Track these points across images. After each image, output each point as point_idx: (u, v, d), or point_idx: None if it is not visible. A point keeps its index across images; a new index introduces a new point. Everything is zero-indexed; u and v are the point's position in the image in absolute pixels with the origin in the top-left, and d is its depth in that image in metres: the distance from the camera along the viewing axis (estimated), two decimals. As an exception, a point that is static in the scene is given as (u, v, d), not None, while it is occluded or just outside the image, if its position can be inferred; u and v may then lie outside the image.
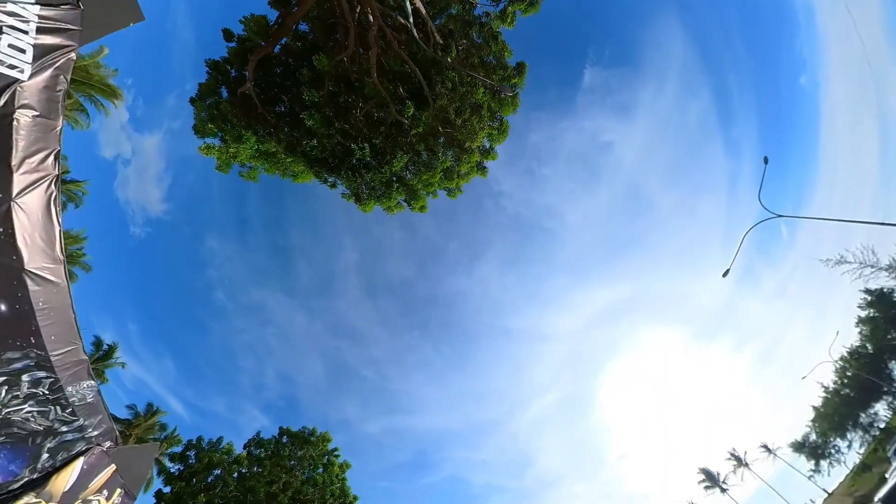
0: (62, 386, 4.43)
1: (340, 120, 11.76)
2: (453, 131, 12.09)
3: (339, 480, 27.93)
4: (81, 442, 4.88)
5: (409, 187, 12.92)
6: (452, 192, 14.09)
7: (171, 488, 23.95)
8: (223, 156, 14.33)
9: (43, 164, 3.79)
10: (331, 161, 12.53)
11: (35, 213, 3.77)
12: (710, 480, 64.67)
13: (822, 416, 51.90)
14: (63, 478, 4.70)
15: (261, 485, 23.93)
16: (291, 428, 28.12)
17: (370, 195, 13.04)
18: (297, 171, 14.58)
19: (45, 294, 4.00)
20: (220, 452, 25.41)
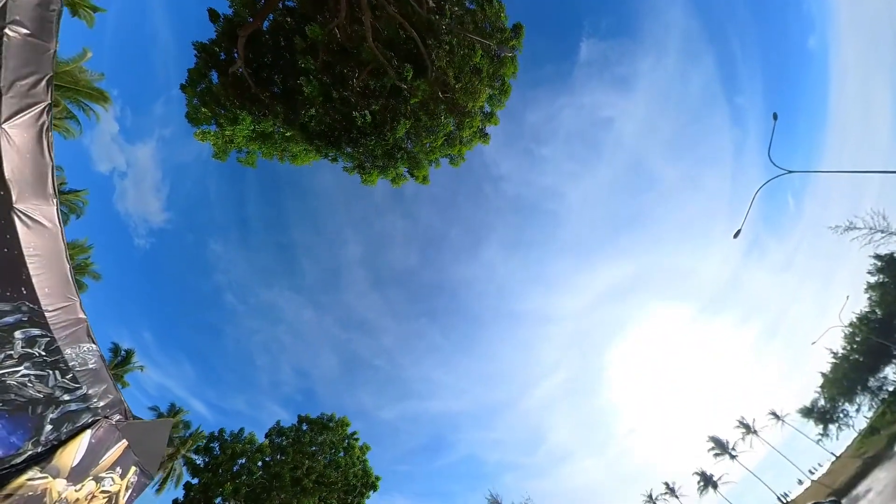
0: (60, 347, 3.99)
1: (338, 87, 11.15)
2: (454, 96, 11.46)
3: (361, 462, 28.05)
4: (87, 413, 4.48)
5: (411, 156, 12.34)
6: (455, 160, 13.50)
7: (199, 480, 24.10)
8: (219, 141, 13.75)
9: (34, 89, 3.25)
10: (331, 133, 11.95)
11: (25, 144, 3.26)
12: (719, 448, 64.96)
13: (831, 382, 51.72)
14: (69, 452, 4.30)
15: (285, 470, 24.03)
16: (310, 415, 28.18)
17: (373, 165, 12.48)
18: (296, 151, 13.98)
19: (35, 238, 3.52)
20: (243, 443, 25.50)
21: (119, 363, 42.54)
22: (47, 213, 3.61)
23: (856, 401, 50.03)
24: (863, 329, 46.46)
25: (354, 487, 27.05)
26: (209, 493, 23.14)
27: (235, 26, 12.53)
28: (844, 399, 51.15)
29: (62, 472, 4.26)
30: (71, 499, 4.35)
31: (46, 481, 4.08)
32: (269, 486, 24.02)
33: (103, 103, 28.07)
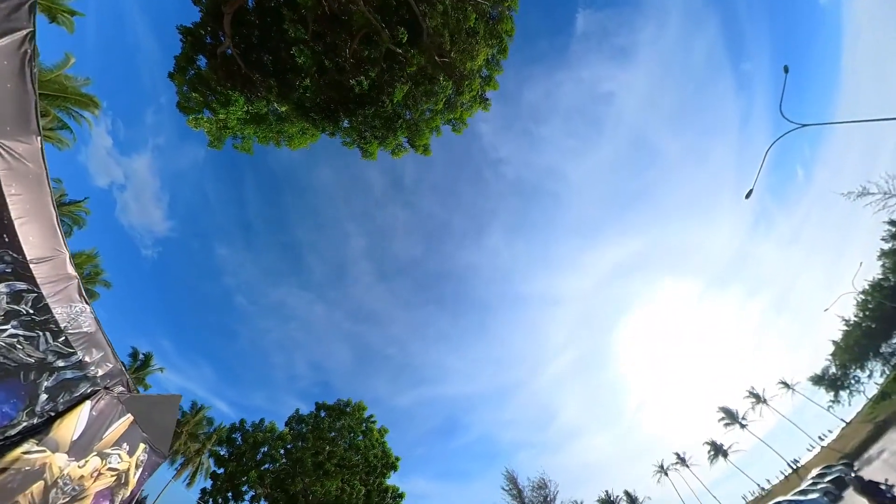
0: (49, 305, 3.59)
1: (331, 55, 10.56)
2: (451, 59, 10.81)
3: (379, 444, 28.20)
4: (85, 382, 4.11)
5: (411, 124, 11.76)
6: (457, 127, 12.89)
7: (224, 469, 24.35)
8: (212, 127, 13.25)
9: (16, 13, 2.77)
10: (327, 106, 11.41)
11: (5, 72, 2.81)
12: (729, 418, 64.94)
13: (843, 349, 51.11)
14: (68, 424, 3.95)
15: (307, 456, 24.19)
16: (327, 402, 28.29)
17: (372, 135, 11.92)
18: (292, 132, 13.45)
19: (17, 178, 3.07)
20: (264, 431, 25.67)
21: (139, 367, 43.04)
22: (31, 151, 3.16)
23: (867, 367, 49.53)
24: (876, 296, 45.60)
25: (375, 468, 27.26)
26: (235, 480, 23.38)
27: (220, 4, 11.88)
28: (856, 366, 50.64)
29: (62, 446, 3.90)
30: (74, 475, 4.00)
31: (45, 455, 3.74)
32: (293, 472, 24.21)
33: (93, 109, 27.02)
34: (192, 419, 47.01)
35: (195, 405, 48.70)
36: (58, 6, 24.42)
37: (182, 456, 45.99)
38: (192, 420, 46.76)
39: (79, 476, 4.04)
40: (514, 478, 60.83)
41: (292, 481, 23.71)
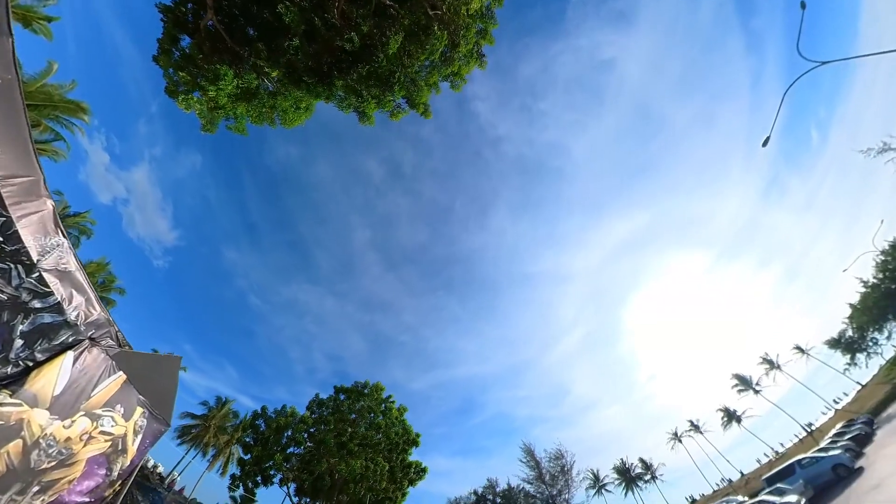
0: (20, 233, 3.05)
1: (319, 12, 9.80)
2: (443, 12, 9.99)
3: (399, 422, 28.24)
4: (67, 330, 3.58)
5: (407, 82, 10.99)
6: (455, 84, 12.11)
7: (250, 455, 24.56)
8: (203, 108, 12.62)
9: None
10: (319, 68, 10.70)
11: None
12: (742, 384, 64.14)
13: (860, 311, 49.45)
14: (47, 377, 3.44)
15: (329, 437, 24.28)
16: (345, 385, 28.27)
17: (368, 94, 11.19)
18: (285, 106, 12.78)
19: None
20: (286, 416, 25.78)
21: None
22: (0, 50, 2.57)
23: (885, 328, 48.04)
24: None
25: (397, 445, 27.38)
26: (262, 464, 23.58)
27: (199, -27, 11.13)
28: (874, 327, 49.14)
29: (42, 402, 3.40)
30: (60, 436, 3.50)
31: (21, 410, 3.25)
32: (318, 454, 24.37)
33: (82, 115, 25.96)
34: (219, 413, 47.87)
35: (220, 400, 49.48)
36: (32, 13, 23.59)
37: (213, 448, 47.07)
38: (219, 414, 47.65)
39: (65, 438, 3.55)
40: (532, 450, 61.37)
41: (317, 462, 23.87)
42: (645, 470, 69.36)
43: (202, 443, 46.58)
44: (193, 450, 46.90)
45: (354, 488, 24.15)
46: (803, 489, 18.88)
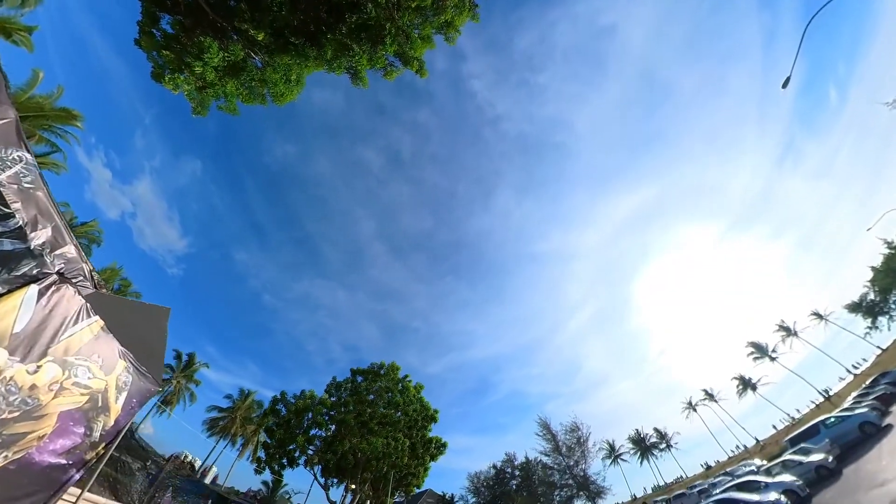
0: None
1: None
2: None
3: (417, 399, 28.17)
4: (29, 260, 2.99)
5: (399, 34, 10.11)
6: (450, 37, 11.17)
7: (273, 438, 24.69)
8: (191, 87, 11.97)
9: None
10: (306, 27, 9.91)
11: None
12: (758, 352, 62.90)
13: (883, 273, 47.39)
14: (6, 310, 2.86)
15: (349, 418, 24.28)
16: (361, 367, 28.22)
17: (360, 49, 10.37)
18: (275, 78, 12.05)
19: None
20: (305, 399, 25.81)
21: (185, 366, 44.61)
22: None
23: None
24: (923, 214, 41.28)
25: (416, 422, 27.39)
26: (285, 446, 23.69)
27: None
28: (897, 289, 47.30)
29: (1, 339, 2.80)
30: (23, 382, 2.95)
31: (-32, 349, 2.67)
32: (339, 434, 24.44)
33: (74, 122, 25.52)
34: (243, 405, 48.75)
35: (243, 392, 50.34)
36: (12, 24, 22.82)
37: (241, 437, 48.12)
38: (243, 405, 48.52)
39: (29, 385, 3.00)
40: (547, 424, 61.63)
41: (340, 443, 23.91)
42: (660, 439, 69.31)
43: (230, 433, 47.66)
44: (223, 441, 48.10)
45: (377, 465, 24.23)
46: (829, 447, 18.27)
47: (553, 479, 62.04)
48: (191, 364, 44.89)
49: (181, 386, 44.20)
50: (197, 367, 45.54)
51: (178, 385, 43.96)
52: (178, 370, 43.85)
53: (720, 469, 45.23)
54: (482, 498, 65.61)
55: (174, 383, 43.52)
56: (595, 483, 58.95)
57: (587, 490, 58.26)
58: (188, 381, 44.74)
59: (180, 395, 44.21)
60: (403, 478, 28.75)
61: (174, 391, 43.77)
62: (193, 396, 45.16)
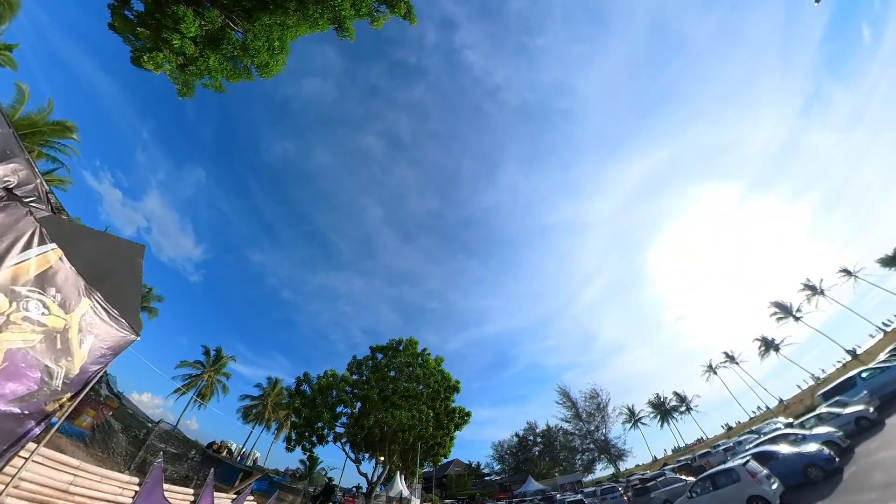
0: None
1: None
2: None
3: (438, 371, 28.11)
4: None
5: None
6: None
7: (300, 417, 25.08)
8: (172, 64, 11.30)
9: None
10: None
11: None
12: (782, 312, 60.51)
13: None
14: None
15: (372, 393, 24.38)
16: (380, 344, 28.14)
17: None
18: (257, 46, 11.15)
19: None
20: (327, 377, 25.97)
21: (214, 361, 45.88)
22: None
23: None
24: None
25: (438, 393, 27.43)
26: (313, 424, 24.01)
27: None
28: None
29: None
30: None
31: None
32: (364, 409, 24.66)
33: (70, 134, 24.72)
34: (273, 392, 50.23)
35: (271, 380, 51.83)
36: None
37: (275, 422, 49.85)
38: (273, 392, 49.99)
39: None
40: (567, 392, 61.96)
41: (365, 418, 24.10)
42: (679, 402, 68.76)
43: (264, 419, 49.50)
44: (258, 426, 50.12)
45: (403, 437, 24.47)
46: (869, 399, 17.24)
47: (574, 445, 62.85)
48: (219, 358, 46.21)
49: (213, 379, 45.68)
50: (225, 361, 46.90)
51: (210, 379, 45.46)
52: (209, 365, 45.24)
53: (742, 429, 44.43)
54: (507, 465, 67.22)
55: (206, 378, 44.87)
56: (616, 446, 59.60)
57: (608, 453, 58.84)
58: (218, 375, 46.10)
59: (213, 388, 45.73)
60: (430, 448, 29.09)
61: (207, 385, 45.37)
62: (226, 388, 46.89)
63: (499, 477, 65.80)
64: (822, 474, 11.68)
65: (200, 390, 44.92)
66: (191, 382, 44.22)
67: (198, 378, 44.51)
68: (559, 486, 49.47)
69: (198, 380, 44.58)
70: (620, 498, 22.32)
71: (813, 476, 11.84)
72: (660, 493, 17.52)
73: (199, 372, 44.56)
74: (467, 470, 65.95)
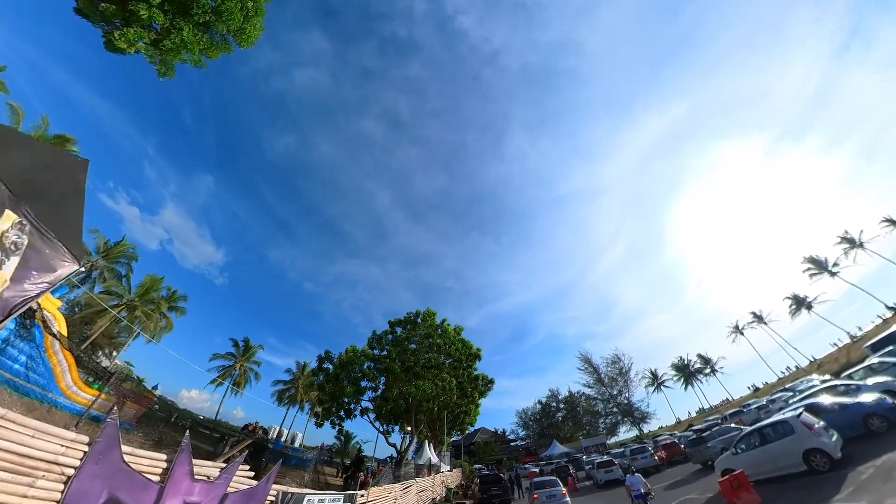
0: None
1: None
2: None
3: (458, 340, 27.82)
4: None
5: None
6: None
7: (325, 393, 25.40)
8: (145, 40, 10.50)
9: None
10: None
11: None
12: (816, 267, 56.65)
13: None
14: None
15: (395, 366, 24.33)
16: (399, 318, 27.88)
17: None
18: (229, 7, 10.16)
19: None
20: (347, 353, 26.05)
21: (244, 351, 47.44)
22: None
23: None
24: None
25: (460, 361, 27.25)
26: (337, 399, 24.27)
27: None
28: None
29: None
30: None
31: None
32: (388, 382, 24.73)
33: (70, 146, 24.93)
34: (302, 374, 51.89)
35: (299, 364, 53.53)
36: None
37: (308, 402, 51.80)
38: (303, 375, 51.66)
39: None
40: (588, 358, 61.48)
41: (389, 390, 24.18)
42: (704, 364, 67.23)
43: (297, 401, 51.62)
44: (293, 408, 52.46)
45: (428, 406, 24.48)
46: (923, 349, 15.55)
47: (597, 409, 62.95)
48: (248, 348, 48.12)
49: (245, 368, 47.88)
50: (254, 350, 48.87)
51: (242, 367, 47.75)
52: (240, 355, 47.18)
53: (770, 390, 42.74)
54: (531, 431, 68.36)
55: (238, 367, 47.16)
56: (639, 409, 59.27)
57: (631, 416, 58.73)
58: (249, 363, 48.16)
59: (246, 376, 48.02)
60: (457, 417, 29.27)
61: (240, 374, 47.51)
62: (258, 376, 49.16)
63: (524, 442, 67.17)
64: (885, 424, 10.53)
65: (235, 379, 47.06)
66: (225, 372, 46.52)
67: (231, 368, 46.78)
68: (584, 448, 49.86)
69: (231, 370, 46.79)
70: (652, 457, 21.76)
71: (875, 427, 10.70)
72: (716, 442, 16.92)
73: (231, 363, 46.85)
74: (494, 437, 67.57)
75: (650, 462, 21.48)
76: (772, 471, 10.84)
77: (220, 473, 4.43)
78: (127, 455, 3.77)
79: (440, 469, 25.75)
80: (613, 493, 17.90)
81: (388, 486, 11.49)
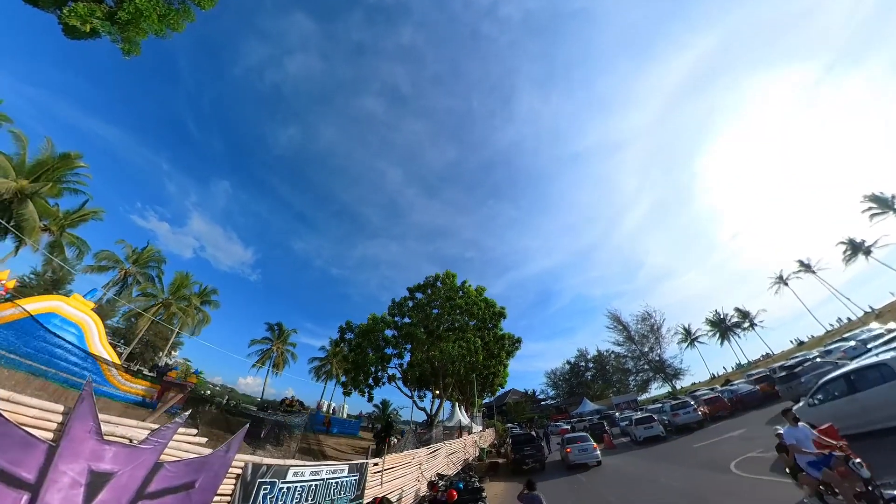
0: None
1: None
2: None
3: (481, 300, 26.64)
4: None
5: None
6: None
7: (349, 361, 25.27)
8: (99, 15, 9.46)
9: None
10: None
11: None
12: (879, 205, 49.49)
13: None
14: None
15: (417, 330, 23.62)
16: (418, 283, 26.88)
17: None
18: None
19: None
20: (368, 322, 25.57)
21: (279, 335, 48.93)
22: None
23: None
24: None
25: (484, 321, 26.27)
26: (361, 367, 24.05)
27: None
28: None
29: None
30: None
31: None
32: (413, 347, 24.19)
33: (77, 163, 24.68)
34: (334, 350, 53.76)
35: (332, 340, 55.31)
36: None
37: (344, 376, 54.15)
38: (335, 350, 53.58)
39: None
40: (618, 315, 58.95)
41: (413, 355, 23.67)
42: (742, 318, 63.02)
43: (332, 375, 53.88)
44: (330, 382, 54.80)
45: (454, 368, 23.75)
46: None
47: (627, 367, 61.27)
48: (282, 332, 50.14)
49: (282, 350, 50.06)
50: (288, 333, 51.22)
51: (280, 349, 49.86)
52: (275, 338, 49.22)
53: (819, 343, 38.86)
54: (561, 390, 68.25)
55: (275, 349, 49.35)
56: (671, 366, 56.87)
57: (663, 373, 56.54)
58: (285, 346, 50.49)
59: (283, 357, 50.25)
60: (486, 378, 28.63)
61: (278, 355, 49.66)
62: (294, 356, 51.38)
63: (554, 401, 67.31)
64: None
65: (274, 360, 49.38)
66: (264, 355, 48.74)
67: (269, 351, 49.05)
68: (615, 405, 48.92)
69: (269, 353, 49.09)
70: (695, 412, 20.08)
71: None
72: (810, 377, 15.21)
73: (268, 346, 49.03)
74: (524, 397, 68.20)
75: (694, 417, 19.84)
76: (861, 425, 8.86)
77: (148, 436, 3.19)
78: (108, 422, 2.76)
79: (472, 430, 25.50)
80: (656, 451, 16.54)
81: (409, 452, 10.63)
